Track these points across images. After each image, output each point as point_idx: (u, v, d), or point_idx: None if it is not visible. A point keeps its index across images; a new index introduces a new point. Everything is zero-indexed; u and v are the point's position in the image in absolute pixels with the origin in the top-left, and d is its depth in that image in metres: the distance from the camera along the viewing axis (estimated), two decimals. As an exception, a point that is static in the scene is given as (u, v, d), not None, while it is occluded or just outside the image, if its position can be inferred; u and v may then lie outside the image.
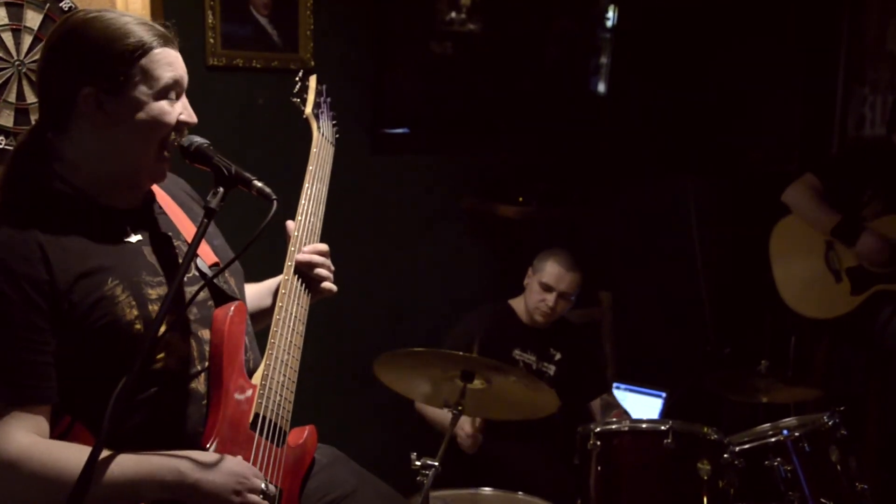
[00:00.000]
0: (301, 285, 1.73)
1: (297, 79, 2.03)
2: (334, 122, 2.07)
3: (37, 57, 2.47)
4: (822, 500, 2.34)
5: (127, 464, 1.41)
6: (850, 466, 2.45)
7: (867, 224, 3.13)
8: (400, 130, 3.42)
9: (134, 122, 1.51)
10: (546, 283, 3.04)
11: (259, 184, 1.54)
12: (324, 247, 1.79)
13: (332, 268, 1.79)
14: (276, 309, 1.66)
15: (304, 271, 1.74)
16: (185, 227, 1.67)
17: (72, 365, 1.45)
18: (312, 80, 2.05)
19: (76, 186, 1.54)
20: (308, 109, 1.99)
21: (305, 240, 1.77)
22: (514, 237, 3.59)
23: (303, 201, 1.80)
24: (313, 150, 1.91)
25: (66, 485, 1.35)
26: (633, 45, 3.87)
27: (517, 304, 3.17)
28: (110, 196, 1.56)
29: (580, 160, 3.81)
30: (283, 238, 1.78)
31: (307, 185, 1.83)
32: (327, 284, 1.77)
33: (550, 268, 3.05)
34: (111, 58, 1.49)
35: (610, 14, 3.86)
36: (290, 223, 1.77)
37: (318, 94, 2.03)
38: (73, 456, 1.40)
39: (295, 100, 2.01)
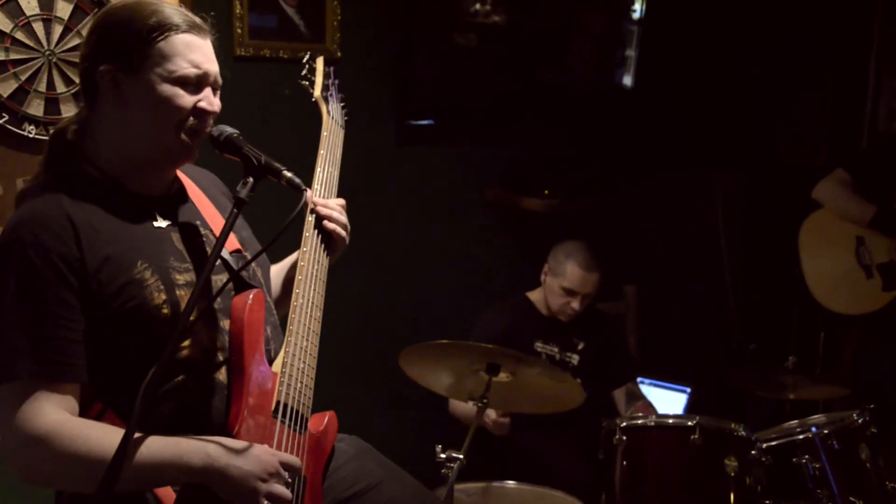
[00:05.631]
0: (318, 267, 1.71)
1: (304, 61, 2.01)
2: (343, 104, 2.04)
3: (67, 46, 2.50)
4: (852, 499, 2.32)
5: (155, 446, 1.42)
6: (880, 465, 2.42)
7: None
8: (425, 122, 3.41)
9: (146, 104, 1.50)
10: (569, 289, 3.00)
11: (289, 174, 1.54)
12: (342, 200, 1.80)
13: (347, 224, 1.79)
14: (294, 295, 1.66)
15: (323, 222, 1.74)
16: (213, 219, 1.67)
17: (99, 347, 1.46)
18: (319, 63, 2.02)
19: (103, 170, 1.54)
20: (317, 92, 1.97)
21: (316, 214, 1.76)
22: (539, 230, 3.57)
23: (316, 186, 1.79)
24: (324, 133, 1.90)
25: (94, 463, 1.37)
26: (660, 37, 3.84)
27: (535, 296, 3.15)
28: (136, 181, 1.56)
29: (606, 153, 3.78)
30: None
31: (319, 169, 1.82)
32: (337, 229, 1.75)
33: (571, 272, 2.99)
34: (129, 36, 1.49)
35: (637, 6, 3.82)
36: (309, 191, 1.75)
37: (326, 76, 2.01)
38: (102, 435, 1.41)
39: (303, 83, 1.99)
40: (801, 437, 2.39)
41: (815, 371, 3.33)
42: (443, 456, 2.27)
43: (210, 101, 1.55)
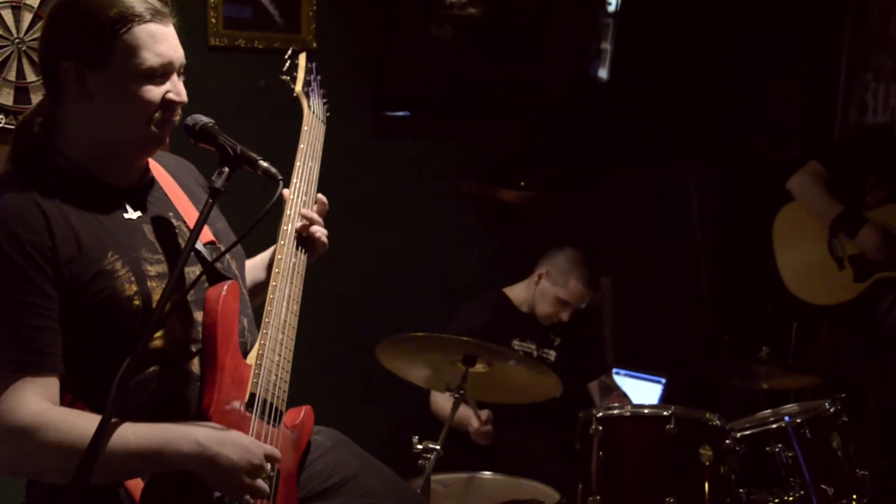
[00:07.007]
0: (295, 261, 1.71)
1: (286, 56, 2.00)
2: (325, 99, 2.04)
3: (37, 35, 2.46)
4: (823, 487, 2.35)
5: (143, 433, 1.41)
6: (851, 453, 2.45)
7: (870, 212, 3.12)
8: (401, 113, 3.40)
9: (114, 99, 1.49)
10: (566, 301, 3.00)
11: (265, 164, 1.53)
12: (323, 199, 1.80)
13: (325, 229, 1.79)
14: (270, 288, 1.65)
15: (302, 228, 1.73)
16: (186, 210, 1.66)
17: (72, 338, 1.45)
18: (302, 58, 2.02)
19: (73, 161, 1.53)
20: (298, 87, 1.97)
21: (298, 219, 1.75)
22: (516, 222, 3.58)
23: (294, 180, 1.78)
24: (304, 128, 1.89)
25: (82, 452, 1.35)
26: (636, 30, 3.85)
27: (513, 292, 3.14)
28: (106, 171, 1.55)
29: (582, 145, 3.79)
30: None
31: (298, 163, 1.82)
32: (319, 234, 1.75)
33: (574, 287, 2.98)
34: (93, 30, 1.46)
35: (612, -1, 3.83)
36: (286, 190, 1.75)
37: (308, 71, 2.01)
38: (87, 423, 1.38)
39: (285, 77, 1.98)
40: (774, 426, 2.41)
41: (787, 361, 3.36)
42: (420, 447, 2.28)
43: (178, 90, 1.54)
